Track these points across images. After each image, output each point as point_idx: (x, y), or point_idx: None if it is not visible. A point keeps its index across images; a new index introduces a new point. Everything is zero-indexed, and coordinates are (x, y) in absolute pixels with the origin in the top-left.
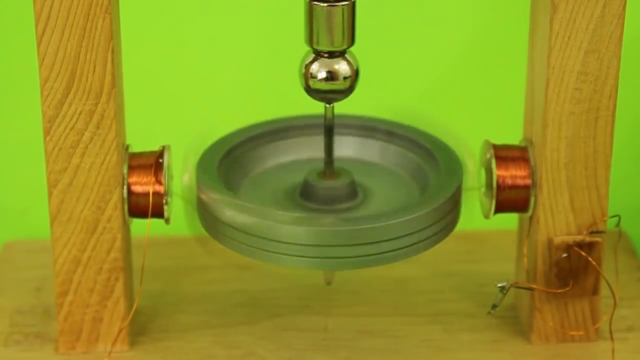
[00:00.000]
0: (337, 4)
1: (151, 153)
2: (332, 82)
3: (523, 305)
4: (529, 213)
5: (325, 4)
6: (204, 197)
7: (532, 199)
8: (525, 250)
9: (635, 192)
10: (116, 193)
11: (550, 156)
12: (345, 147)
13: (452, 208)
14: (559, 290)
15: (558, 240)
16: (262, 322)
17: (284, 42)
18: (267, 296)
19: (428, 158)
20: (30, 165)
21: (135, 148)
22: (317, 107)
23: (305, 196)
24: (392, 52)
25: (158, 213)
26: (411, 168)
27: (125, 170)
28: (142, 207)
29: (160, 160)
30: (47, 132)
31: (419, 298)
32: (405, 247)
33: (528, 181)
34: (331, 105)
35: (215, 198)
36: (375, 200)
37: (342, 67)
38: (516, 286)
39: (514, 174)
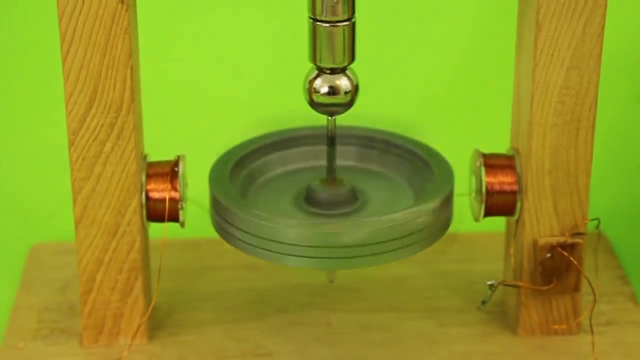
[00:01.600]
0: (338, 24)
1: (167, 162)
2: (333, 97)
3: (510, 301)
4: (516, 216)
5: (327, 25)
6: (216, 202)
7: (519, 204)
8: (512, 251)
9: (614, 197)
10: (135, 199)
11: (535, 164)
12: (346, 156)
13: (445, 212)
14: (543, 288)
15: (542, 241)
16: (270, 318)
17: (290, 59)
18: (274, 294)
19: (422, 166)
20: (56, 174)
21: (153, 157)
22: (320, 119)
23: (309, 201)
24: (389, 69)
25: (174, 217)
26: (407, 175)
27: (143, 178)
28: (159, 212)
29: (176, 169)
30: (71, 143)
31: (415, 295)
32: (402, 247)
33: (515, 187)
34: (333, 117)
35: (226, 203)
36: (374, 204)
37: (343, 83)
38: (504, 284)
39: (502, 181)
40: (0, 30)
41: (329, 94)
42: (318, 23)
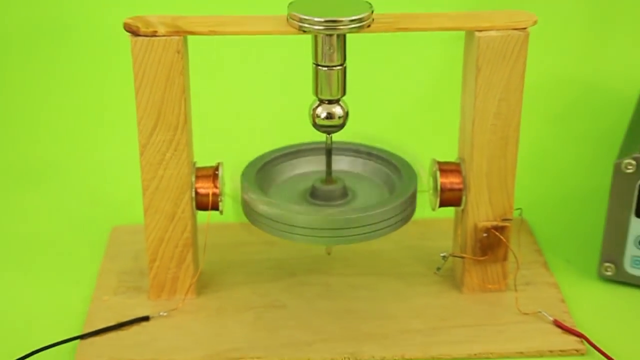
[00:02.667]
0: (333, 68)
1: (210, 167)
2: (330, 120)
3: (457, 267)
4: (462, 207)
5: (325, 68)
6: (245, 196)
7: (464, 198)
8: (459, 232)
9: (533, 192)
10: (187, 194)
11: (476, 169)
12: (340, 163)
13: (411, 203)
14: (481, 258)
15: (481, 224)
16: (284, 279)
17: (298, 93)
18: (288, 263)
19: (394, 170)
20: (131, 174)
21: (200, 163)
22: (320, 137)
23: (313, 196)
24: (371, 100)
25: (215, 207)
26: (383, 177)
27: (193, 179)
28: (205, 204)
29: (217, 172)
30: (141, 154)
31: (390, 263)
32: (380, 229)
33: (461, 186)
34: (330, 135)
35: (253, 197)
36: (360, 198)
37: (337, 110)
38: (453, 255)
39: (452, 181)
40: (100, 74)
41: (327, 118)
42: (319, 67)
